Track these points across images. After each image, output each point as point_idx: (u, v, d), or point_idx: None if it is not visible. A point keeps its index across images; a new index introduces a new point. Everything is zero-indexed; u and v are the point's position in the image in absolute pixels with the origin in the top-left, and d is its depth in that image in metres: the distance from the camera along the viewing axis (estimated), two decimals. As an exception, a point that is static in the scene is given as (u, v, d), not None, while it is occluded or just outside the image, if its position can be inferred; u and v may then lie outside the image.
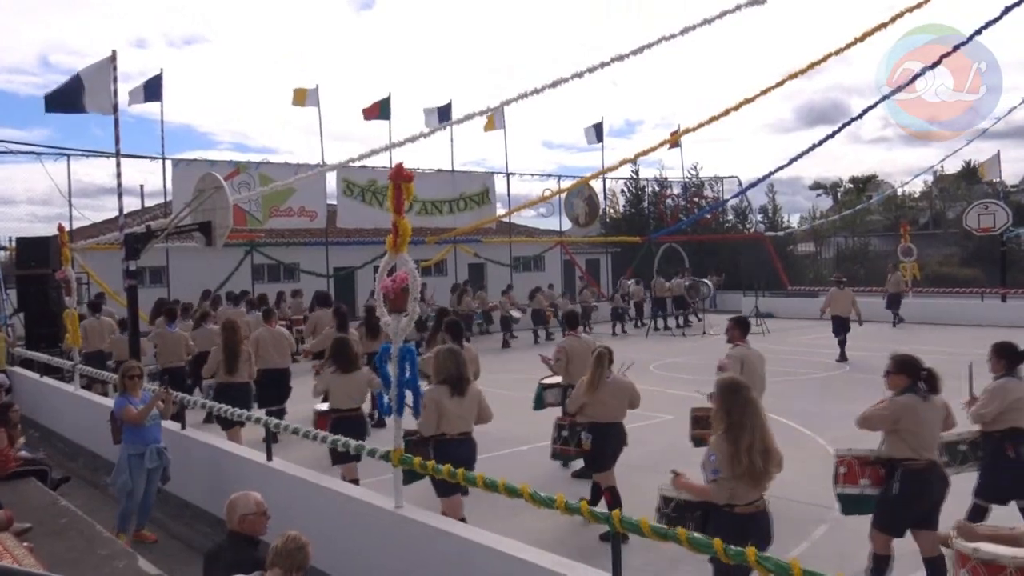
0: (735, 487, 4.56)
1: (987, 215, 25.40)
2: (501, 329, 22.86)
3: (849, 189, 51.30)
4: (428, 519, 5.65)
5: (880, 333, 21.16)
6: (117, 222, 13.32)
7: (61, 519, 6.62)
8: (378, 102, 24.24)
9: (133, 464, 7.43)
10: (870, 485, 5.74)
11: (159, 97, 20.96)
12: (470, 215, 26.61)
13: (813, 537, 6.98)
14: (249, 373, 10.21)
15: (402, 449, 6.01)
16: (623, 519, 4.44)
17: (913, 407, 5.49)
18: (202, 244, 10.91)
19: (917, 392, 5.56)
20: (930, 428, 5.53)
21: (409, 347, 5.83)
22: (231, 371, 9.94)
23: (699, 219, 32.71)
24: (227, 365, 9.94)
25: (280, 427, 7.85)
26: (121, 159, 13.37)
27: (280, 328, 11.95)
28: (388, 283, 5.70)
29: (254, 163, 23.23)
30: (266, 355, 11.01)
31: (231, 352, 9.96)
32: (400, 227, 5.70)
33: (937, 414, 5.57)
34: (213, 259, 20.14)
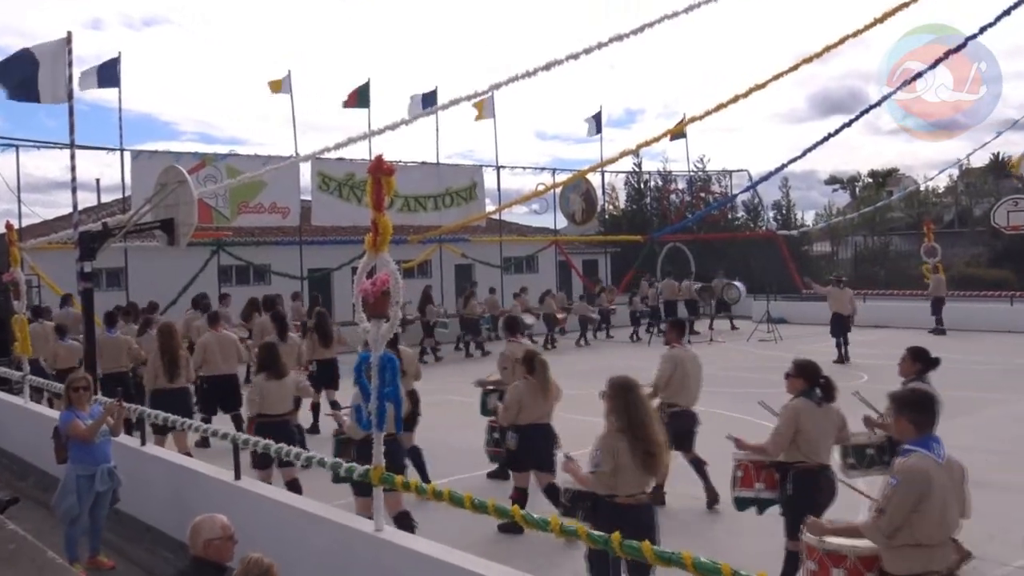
0: (617, 480, 5.21)
1: (1017, 212, 25.51)
2: None
3: (868, 184, 51.52)
4: (411, 543, 5.63)
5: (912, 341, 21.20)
6: (71, 219, 13.25)
7: (9, 544, 6.56)
8: (356, 89, 24.23)
9: (82, 486, 7.32)
10: (764, 489, 6.45)
11: (116, 83, 20.90)
12: (457, 212, 26.59)
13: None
14: (188, 378, 10.69)
15: (382, 467, 5.99)
16: (624, 543, 4.44)
17: (806, 411, 6.08)
18: (164, 243, 10.88)
19: (812, 398, 6.15)
20: (822, 433, 6.10)
21: (390, 356, 5.81)
22: (171, 377, 10.34)
23: (706, 216, 32.79)
24: (166, 371, 10.34)
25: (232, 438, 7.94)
26: (76, 151, 13.30)
27: (227, 333, 12.26)
28: (367, 286, 5.68)
29: (221, 155, 23.19)
30: (212, 361, 11.40)
31: (170, 357, 10.37)
32: (380, 225, 5.68)
33: (831, 422, 6.17)
34: (176, 260, 20.08)
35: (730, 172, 35.35)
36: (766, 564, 5.18)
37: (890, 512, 4.16)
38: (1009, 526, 7.63)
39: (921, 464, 4.20)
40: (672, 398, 8.71)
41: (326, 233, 26.88)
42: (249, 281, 26.64)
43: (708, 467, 8.54)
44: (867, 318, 25.61)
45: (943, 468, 4.26)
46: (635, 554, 4.34)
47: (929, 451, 4.26)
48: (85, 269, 10.79)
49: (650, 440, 5.25)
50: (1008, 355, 18.53)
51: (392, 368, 5.78)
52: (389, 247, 5.76)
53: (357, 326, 5.82)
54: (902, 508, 4.14)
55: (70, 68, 13.46)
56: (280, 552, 5.40)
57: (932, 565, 4.19)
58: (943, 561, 4.22)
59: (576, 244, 32.91)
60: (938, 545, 4.22)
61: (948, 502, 4.23)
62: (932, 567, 4.19)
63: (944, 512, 4.20)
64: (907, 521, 4.15)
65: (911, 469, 4.19)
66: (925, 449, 4.27)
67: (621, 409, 5.34)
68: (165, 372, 10.36)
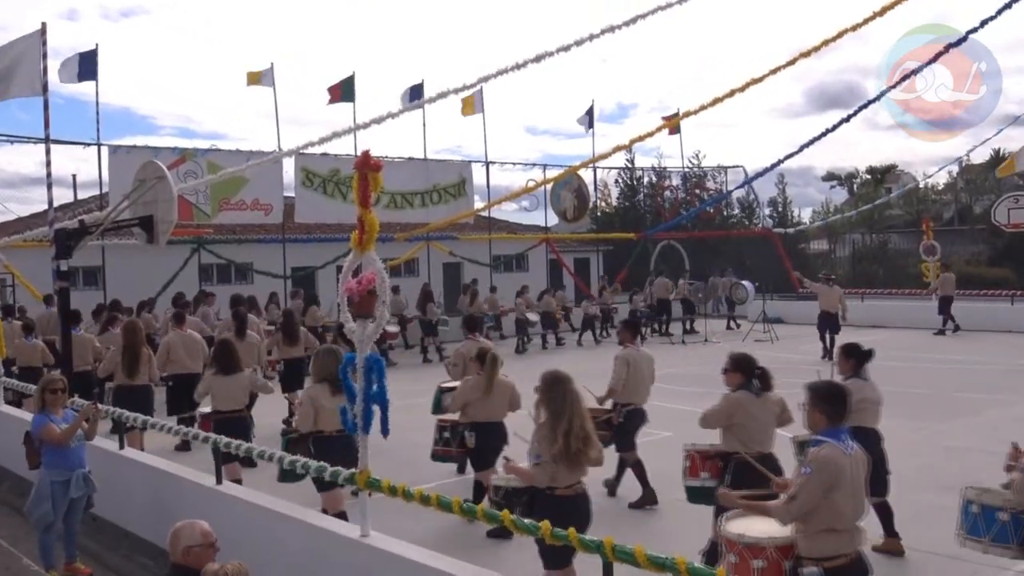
0: (555, 470, 5.53)
1: (1018, 209, 25.59)
2: (516, 333, 23.35)
3: (866, 180, 51.69)
4: (398, 549, 5.63)
5: (916, 342, 21.33)
6: (46, 216, 13.18)
7: (-18, 552, 6.55)
8: (340, 82, 24.17)
9: (56, 492, 7.28)
10: (709, 477, 6.84)
11: (94, 76, 20.80)
12: (445, 209, 26.56)
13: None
14: (150, 376, 10.96)
15: (368, 471, 5.99)
16: (616, 548, 4.46)
17: (745, 403, 6.50)
18: (143, 241, 10.86)
19: (750, 389, 6.55)
20: (761, 423, 6.51)
21: (376, 357, 5.81)
22: (131, 374, 10.63)
23: (700, 213, 32.86)
24: (127, 368, 10.61)
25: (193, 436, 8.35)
26: (51, 145, 13.23)
27: (192, 332, 12.47)
28: (353, 285, 5.68)
29: (201, 150, 23.11)
30: (177, 360, 11.63)
31: (132, 354, 10.63)
32: (366, 222, 5.67)
33: (769, 411, 6.55)
34: (155, 258, 19.97)
35: (725, 168, 35.45)
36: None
37: (801, 499, 4.54)
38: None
39: (833, 455, 4.57)
40: (626, 397, 9.10)
41: (310, 231, 26.84)
42: (231, 280, 26.57)
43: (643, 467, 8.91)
44: (865, 318, 25.71)
45: (851, 459, 4.62)
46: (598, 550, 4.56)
47: (839, 442, 4.63)
48: (61, 268, 10.77)
49: (580, 431, 5.54)
50: (1009, 355, 18.61)
51: (379, 369, 5.78)
52: (375, 245, 5.76)
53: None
54: (813, 496, 4.51)
55: (45, 60, 13.38)
56: (262, 558, 5.40)
57: (842, 548, 4.56)
58: (851, 545, 4.59)
59: (567, 242, 32.93)
60: (847, 530, 4.59)
61: (856, 491, 4.62)
62: (842, 550, 4.56)
63: (852, 500, 4.58)
64: (818, 508, 4.51)
65: (824, 459, 4.56)
66: (835, 440, 4.64)
67: (552, 401, 5.66)
68: (125, 369, 10.64)
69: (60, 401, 7.64)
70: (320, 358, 7.83)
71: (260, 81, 23.26)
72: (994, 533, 5.59)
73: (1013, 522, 5.42)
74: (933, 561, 6.99)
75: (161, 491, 8.13)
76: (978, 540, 5.67)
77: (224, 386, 9.04)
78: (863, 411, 6.99)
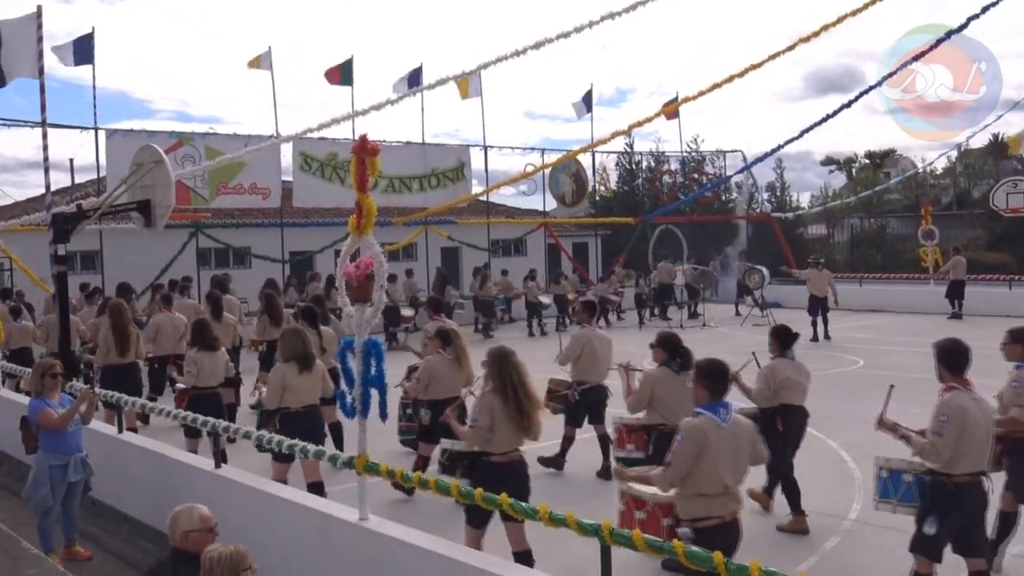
0: (490, 436, 6.02)
1: (1016, 194, 25.54)
2: (527, 316, 23.50)
3: (865, 165, 51.62)
4: (397, 532, 5.65)
5: (914, 326, 21.32)
6: (43, 200, 13.18)
7: (-18, 535, 6.57)
8: (339, 65, 24.09)
9: (54, 476, 7.30)
10: (635, 449, 7.66)
11: (90, 60, 20.70)
12: (443, 193, 26.52)
13: (823, 550, 7.07)
14: (137, 354, 11.33)
15: (367, 455, 6.01)
16: (614, 532, 4.48)
17: (664, 378, 7.27)
18: (140, 225, 10.86)
19: (671, 367, 7.32)
20: (678, 398, 7.06)
21: (375, 340, 5.83)
22: (123, 353, 10.94)
23: (699, 198, 32.81)
24: (119, 347, 10.90)
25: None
26: (48, 129, 13.21)
27: (180, 316, 12.73)
28: (351, 269, 5.69)
29: (199, 134, 23.02)
30: (163, 341, 12.04)
31: (121, 334, 10.91)
32: (364, 206, 5.68)
33: (686, 388, 6.69)
34: (153, 242, 20.00)
35: (724, 152, 35.36)
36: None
37: (675, 464, 4.97)
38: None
39: (703, 424, 4.99)
40: (582, 376, 9.54)
41: (308, 215, 26.79)
42: (229, 264, 26.53)
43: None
44: (864, 302, 25.73)
45: (725, 430, 5.01)
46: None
47: (715, 415, 5.05)
48: (59, 252, 10.77)
49: (521, 400, 5.99)
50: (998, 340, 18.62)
51: (377, 353, 5.79)
52: (373, 229, 5.76)
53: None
54: (684, 462, 4.94)
55: (40, 44, 13.34)
56: (261, 541, 5.43)
57: (713, 511, 4.95)
58: (723, 508, 4.97)
59: (566, 226, 32.89)
60: (717, 495, 4.97)
61: (726, 459, 4.96)
62: (713, 513, 4.95)
63: (724, 468, 4.95)
64: (690, 474, 4.94)
65: (692, 428, 5.01)
66: (711, 413, 5.06)
67: (496, 373, 6.11)
68: (116, 348, 10.91)
69: (56, 385, 7.64)
70: (286, 338, 8.16)
71: (259, 65, 23.17)
72: (901, 494, 6.05)
73: (916, 483, 5.84)
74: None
75: (161, 475, 8.15)
76: (888, 502, 6.11)
77: (205, 363, 9.36)
78: (789, 389, 7.53)
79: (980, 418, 5.50)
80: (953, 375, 5.63)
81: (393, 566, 5.56)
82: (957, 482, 5.47)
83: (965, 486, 5.48)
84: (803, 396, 7.69)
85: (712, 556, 4.12)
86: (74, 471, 7.38)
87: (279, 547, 6.40)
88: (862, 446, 9.17)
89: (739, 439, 5.09)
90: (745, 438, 5.14)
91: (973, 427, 5.42)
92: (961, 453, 5.43)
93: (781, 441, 7.36)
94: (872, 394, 10.03)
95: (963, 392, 5.55)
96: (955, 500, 5.49)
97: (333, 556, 6.07)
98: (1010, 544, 6.50)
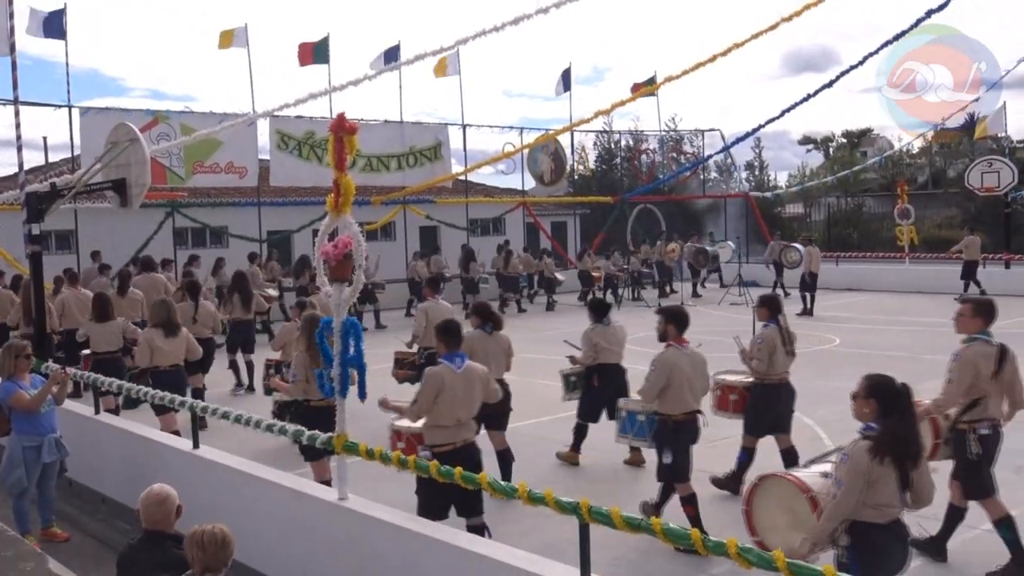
0: (308, 387, 7.45)
1: (991, 173, 25.67)
2: (545, 292, 24.65)
3: (842, 144, 51.87)
4: (377, 512, 5.66)
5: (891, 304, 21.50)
6: (17, 179, 13.02)
7: (-42, 517, 6.52)
8: (312, 43, 23.79)
9: (28, 457, 7.27)
10: None
11: (62, 35, 20.40)
12: (421, 172, 26.38)
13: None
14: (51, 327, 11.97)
15: (346, 435, 6.00)
16: (592, 509, 4.49)
17: (478, 339, 8.21)
18: (116, 205, 10.74)
19: (485, 329, 8.37)
20: (492, 356, 8.12)
21: (353, 320, 5.81)
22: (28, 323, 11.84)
23: (678, 177, 32.84)
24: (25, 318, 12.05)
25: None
26: (20, 107, 13.02)
27: (86, 291, 13.50)
28: (329, 249, 5.66)
29: (174, 112, 22.75)
30: (71, 316, 12.94)
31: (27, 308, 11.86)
32: (342, 185, 5.64)
33: (499, 347, 8.37)
34: (129, 222, 19.78)
35: (702, 131, 35.36)
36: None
37: (420, 401, 6.20)
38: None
39: (439, 371, 6.26)
40: (428, 342, 10.08)
41: (285, 194, 26.57)
42: (206, 243, 26.32)
43: None
44: (840, 281, 25.92)
45: (459, 375, 6.25)
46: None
47: (451, 363, 6.31)
48: (33, 231, 10.64)
49: None
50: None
51: (356, 333, 5.78)
52: (351, 208, 5.73)
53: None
54: (425, 399, 6.17)
55: (11, 20, 13.12)
56: (241, 522, 5.41)
57: (448, 439, 6.25)
58: (456, 436, 6.27)
59: (545, 205, 32.84)
60: (452, 426, 6.25)
61: (459, 398, 6.22)
62: (448, 440, 6.24)
63: (457, 404, 6.23)
64: (431, 409, 6.18)
65: (429, 373, 6.26)
66: (448, 361, 6.32)
67: (307, 335, 7.54)
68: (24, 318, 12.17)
69: (26, 366, 7.58)
70: (155, 308, 9.71)
71: (233, 42, 22.87)
72: (635, 430, 7.82)
73: (647, 422, 7.52)
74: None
75: (137, 455, 8.12)
76: (625, 436, 8.03)
77: (100, 331, 10.63)
78: (607, 349, 9.00)
79: (688, 368, 6.98)
80: (673, 335, 7.10)
81: (373, 545, 5.57)
82: (675, 420, 6.97)
83: (681, 423, 6.98)
84: (620, 357, 9.19)
85: (690, 534, 4.15)
86: (48, 452, 7.34)
87: (257, 527, 6.39)
88: (838, 423, 9.25)
89: (471, 382, 6.33)
90: (477, 381, 6.39)
91: (680, 375, 6.91)
92: (675, 397, 6.93)
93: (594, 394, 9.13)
94: (848, 372, 10.13)
95: (677, 348, 7.05)
96: (673, 434, 6.98)
97: (312, 535, 6.07)
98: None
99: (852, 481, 4.39)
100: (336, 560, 5.86)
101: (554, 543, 6.22)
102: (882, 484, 4.40)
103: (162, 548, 4.53)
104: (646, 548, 6.52)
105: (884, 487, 4.41)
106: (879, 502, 4.42)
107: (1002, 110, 27.27)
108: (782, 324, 8.02)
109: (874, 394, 4.55)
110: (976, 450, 6.21)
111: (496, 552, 4.91)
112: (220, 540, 3.98)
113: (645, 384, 7.01)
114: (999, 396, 6.30)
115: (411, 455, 5.89)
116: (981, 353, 6.22)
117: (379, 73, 11.79)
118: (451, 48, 10.55)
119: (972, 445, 6.22)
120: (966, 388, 6.18)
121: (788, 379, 8.05)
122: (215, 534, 3.99)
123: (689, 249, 26.22)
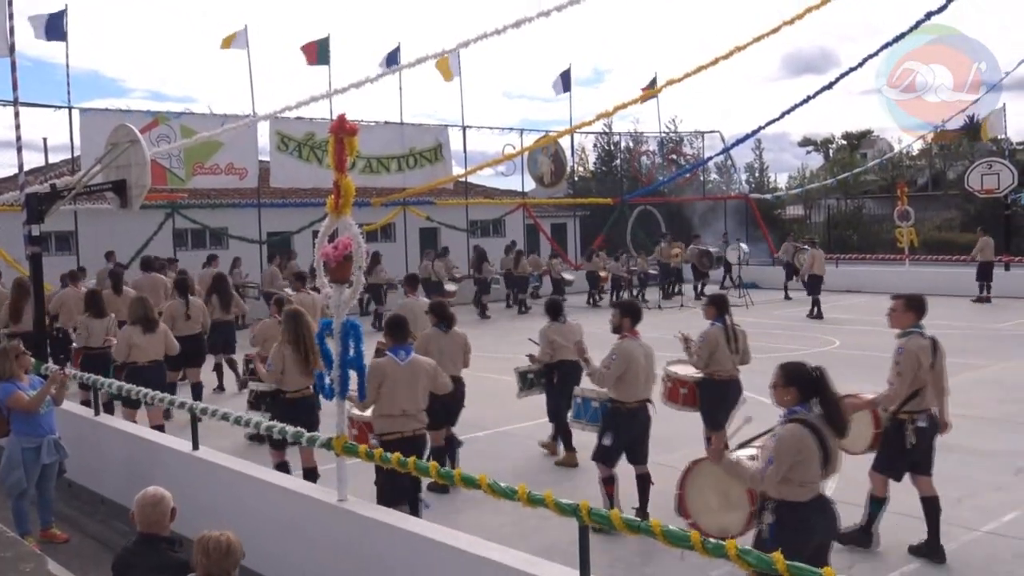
0: (283, 378, 7.80)
1: (991, 175, 25.66)
2: (553, 291, 24.28)
3: (842, 146, 51.85)
4: (376, 514, 5.66)
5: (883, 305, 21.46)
6: (16, 180, 13.00)
7: (-43, 519, 6.51)
8: (315, 42, 23.80)
9: (27, 458, 7.26)
10: None
11: (63, 36, 20.39)
12: (421, 174, 26.39)
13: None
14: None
15: (346, 436, 6.00)
16: (592, 511, 4.49)
17: (434, 337, 8.51)
18: (116, 206, 10.74)
19: (440, 328, 8.60)
20: (449, 353, 8.40)
21: (353, 322, 5.81)
22: (17, 321, 11.91)
23: (678, 179, 32.80)
24: (11, 315, 11.97)
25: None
26: (20, 108, 13.01)
27: (83, 289, 13.38)
28: (329, 250, 5.65)
29: (174, 113, 22.75)
30: (68, 314, 12.86)
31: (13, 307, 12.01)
32: (342, 187, 5.64)
33: (456, 344, 8.63)
34: (129, 223, 19.78)
35: (702, 133, 35.33)
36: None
37: (369, 392, 6.36)
38: (976, 490, 7.82)
39: (382, 363, 6.63)
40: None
41: (285, 195, 26.57)
42: (206, 245, 26.30)
43: None
44: (840, 283, 25.90)
45: (403, 368, 6.62)
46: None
47: (396, 356, 6.66)
48: (33, 232, 10.63)
49: (307, 350, 7.67)
50: (980, 320, 18.92)
51: (356, 334, 5.78)
52: (351, 210, 5.73)
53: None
54: (371, 390, 6.39)
55: (11, 20, 13.11)
56: (240, 523, 5.40)
57: (395, 428, 6.58)
58: (402, 426, 6.59)
59: (545, 207, 32.84)
60: (397, 416, 6.58)
61: (402, 390, 6.58)
62: (394, 429, 6.58)
63: (398, 395, 6.57)
64: (377, 399, 6.53)
65: (372, 366, 6.44)
66: (392, 354, 6.68)
67: (288, 329, 7.86)
68: (10, 316, 12.08)
69: (25, 367, 7.57)
70: (133, 306, 9.90)
71: (234, 44, 22.88)
72: (589, 415, 8.01)
73: (600, 408, 7.73)
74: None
75: (136, 457, 8.11)
76: (579, 421, 8.17)
77: (94, 327, 10.83)
78: (563, 348, 9.09)
79: (642, 359, 7.30)
80: (628, 328, 7.41)
81: (372, 546, 5.57)
82: (628, 407, 7.24)
83: (635, 410, 7.26)
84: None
85: (689, 535, 4.14)
86: (47, 453, 7.33)
87: (257, 528, 6.38)
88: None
89: (416, 375, 6.67)
90: (423, 374, 6.73)
91: (636, 365, 7.21)
92: (628, 385, 7.20)
93: (556, 394, 9.29)
94: (848, 374, 10.14)
95: (632, 339, 7.36)
96: (627, 421, 7.25)
97: (311, 537, 6.07)
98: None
99: (782, 457, 4.53)
100: (335, 561, 5.86)
101: (554, 544, 6.22)
102: (808, 462, 4.55)
103: (157, 551, 4.50)
104: (644, 550, 6.52)
105: (810, 465, 4.56)
106: (805, 479, 4.57)
107: (1001, 112, 27.31)
108: (728, 323, 8.32)
109: (792, 381, 4.73)
110: (912, 440, 6.40)
111: (496, 554, 4.90)
112: (225, 548, 3.94)
113: (604, 371, 7.22)
114: (934, 387, 6.52)
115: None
116: (919, 346, 6.46)
117: (380, 76, 11.80)
118: (452, 51, 10.56)
119: (909, 436, 6.40)
120: (910, 380, 6.36)
121: (737, 376, 8.34)
122: (220, 542, 3.94)
123: (693, 251, 26.24)
